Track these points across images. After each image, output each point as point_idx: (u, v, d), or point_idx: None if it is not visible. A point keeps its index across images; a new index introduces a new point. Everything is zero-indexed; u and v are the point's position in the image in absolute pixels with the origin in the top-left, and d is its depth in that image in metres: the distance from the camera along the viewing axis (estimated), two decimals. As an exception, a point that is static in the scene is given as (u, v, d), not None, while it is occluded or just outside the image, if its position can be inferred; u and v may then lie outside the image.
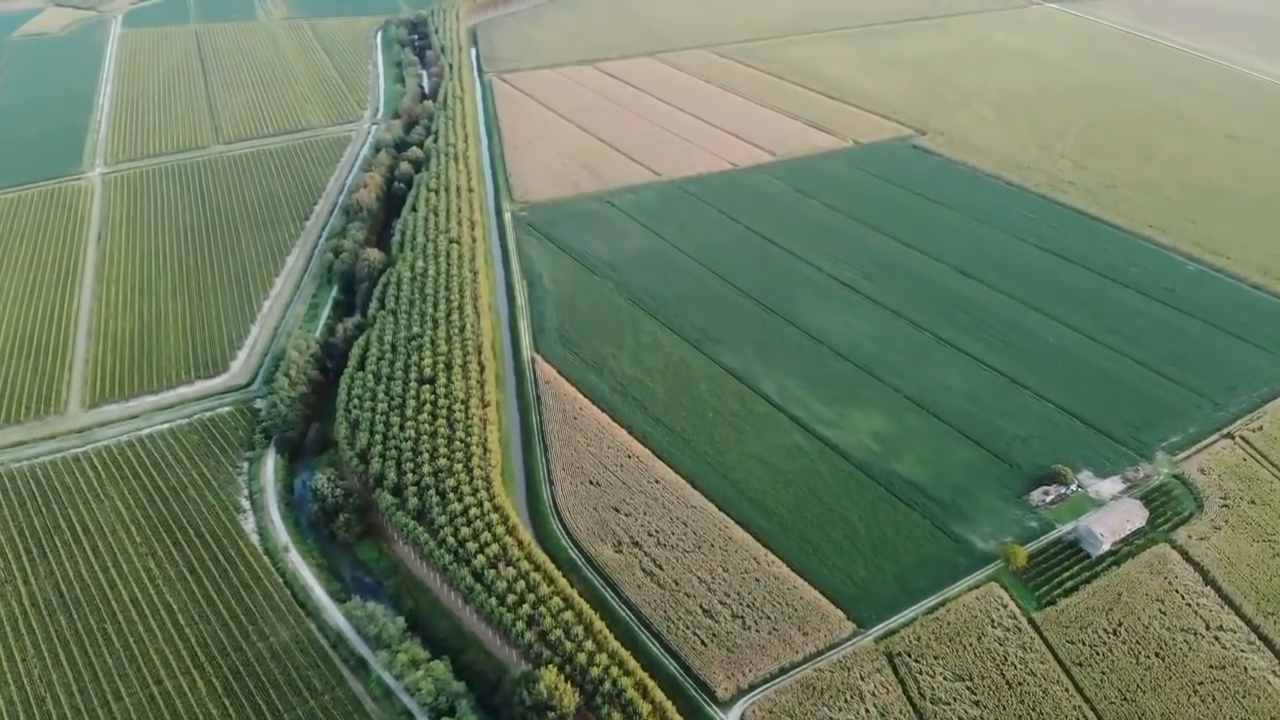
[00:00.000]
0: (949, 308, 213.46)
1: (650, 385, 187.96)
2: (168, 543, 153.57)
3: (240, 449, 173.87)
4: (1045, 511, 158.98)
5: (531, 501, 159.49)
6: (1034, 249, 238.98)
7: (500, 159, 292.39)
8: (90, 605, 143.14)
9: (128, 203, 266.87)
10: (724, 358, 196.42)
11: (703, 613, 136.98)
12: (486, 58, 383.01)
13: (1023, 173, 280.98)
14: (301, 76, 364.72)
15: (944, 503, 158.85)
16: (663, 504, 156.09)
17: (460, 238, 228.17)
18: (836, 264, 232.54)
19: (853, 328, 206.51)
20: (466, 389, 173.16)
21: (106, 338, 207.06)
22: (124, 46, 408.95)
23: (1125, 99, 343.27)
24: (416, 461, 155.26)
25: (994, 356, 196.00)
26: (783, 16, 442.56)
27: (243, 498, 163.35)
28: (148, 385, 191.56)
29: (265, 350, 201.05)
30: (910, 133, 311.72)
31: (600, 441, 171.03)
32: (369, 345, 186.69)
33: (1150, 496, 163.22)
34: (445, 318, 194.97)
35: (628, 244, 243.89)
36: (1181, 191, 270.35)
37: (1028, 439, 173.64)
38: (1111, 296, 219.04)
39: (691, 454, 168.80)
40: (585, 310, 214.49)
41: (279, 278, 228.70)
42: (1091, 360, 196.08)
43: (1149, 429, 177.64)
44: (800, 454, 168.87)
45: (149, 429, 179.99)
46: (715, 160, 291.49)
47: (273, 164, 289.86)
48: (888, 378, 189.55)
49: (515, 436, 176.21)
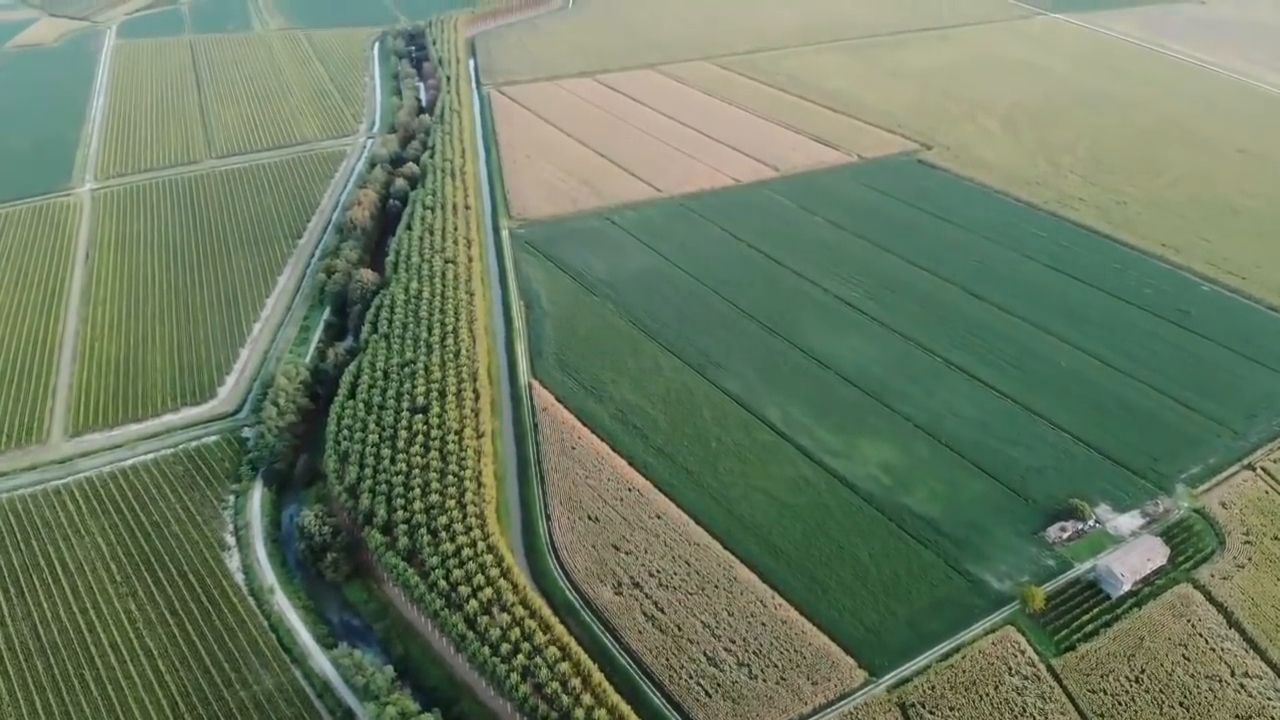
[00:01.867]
0: (959, 330, 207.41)
1: (651, 412, 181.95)
2: (149, 582, 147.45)
3: (226, 481, 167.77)
4: (1063, 549, 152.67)
5: (527, 539, 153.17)
6: (1044, 268, 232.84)
7: (498, 174, 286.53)
8: (69, 649, 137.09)
9: (117, 220, 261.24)
10: (727, 383, 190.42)
11: (707, 660, 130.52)
12: (485, 70, 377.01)
13: (1031, 189, 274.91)
14: (297, 89, 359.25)
15: (958, 540, 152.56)
16: (664, 541, 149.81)
17: (456, 257, 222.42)
18: (842, 284, 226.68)
19: (860, 351, 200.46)
20: (460, 418, 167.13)
21: (92, 362, 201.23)
22: (118, 58, 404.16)
23: (1133, 112, 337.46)
24: (408, 497, 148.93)
25: (1006, 382, 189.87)
26: (784, 27, 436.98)
27: (228, 534, 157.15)
28: (132, 413, 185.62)
29: (254, 375, 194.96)
30: (915, 147, 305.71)
31: (599, 473, 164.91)
32: (360, 372, 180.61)
33: (1171, 532, 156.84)
34: (440, 342, 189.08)
35: (628, 263, 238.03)
36: (1193, 208, 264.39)
37: (1043, 470, 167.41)
38: (1125, 319, 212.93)
39: (694, 486, 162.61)
40: (584, 333, 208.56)
41: (270, 298, 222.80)
42: (1106, 386, 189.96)
43: (1167, 460, 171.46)
44: (807, 487, 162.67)
45: (132, 459, 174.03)
46: (717, 175, 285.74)
47: (266, 179, 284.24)
48: (897, 405, 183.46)
49: (511, 467, 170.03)
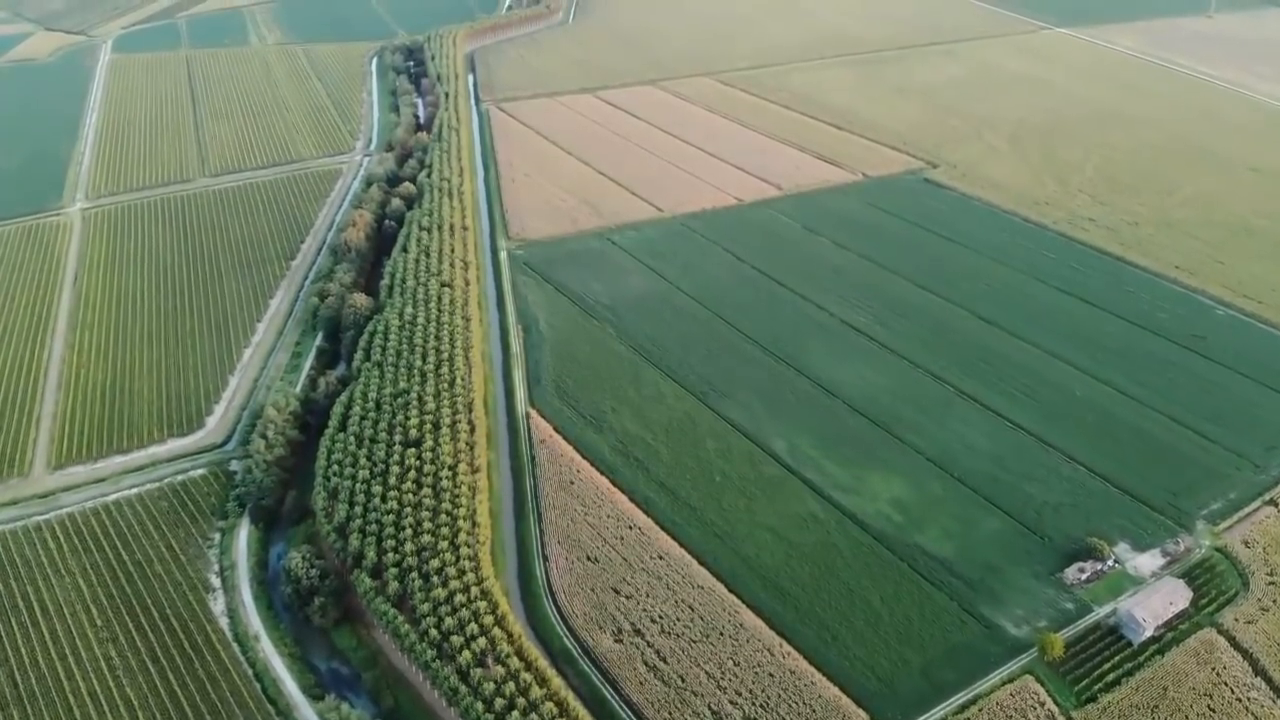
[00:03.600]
0: (969, 357, 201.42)
1: (653, 444, 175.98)
2: (130, 627, 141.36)
3: (212, 517, 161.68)
4: (1081, 591, 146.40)
5: (524, 581, 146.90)
6: (1056, 292, 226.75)
7: (497, 193, 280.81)
8: (46, 699, 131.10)
9: (107, 241, 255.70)
10: (731, 412, 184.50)
11: (712, 715, 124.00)
12: (484, 85, 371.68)
13: (1040, 209, 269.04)
14: (293, 105, 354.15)
15: (972, 582, 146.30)
16: (667, 584, 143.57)
17: (453, 281, 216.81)
18: (848, 308, 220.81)
19: (868, 379, 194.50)
20: (455, 452, 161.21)
21: (77, 390, 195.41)
22: (112, 73, 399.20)
23: (1142, 129, 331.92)
24: (398, 538, 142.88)
25: (1019, 412, 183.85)
26: (786, 42, 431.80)
27: (212, 574, 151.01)
28: (117, 444, 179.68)
29: (244, 404, 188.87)
30: (921, 165, 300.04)
31: (599, 510, 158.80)
32: (352, 402, 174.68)
33: (1193, 573, 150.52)
34: (434, 371, 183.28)
35: (629, 285, 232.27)
36: (1207, 229, 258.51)
37: (1059, 507, 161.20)
38: (1140, 345, 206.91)
39: (698, 524, 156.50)
40: (584, 359, 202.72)
41: (261, 323, 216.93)
42: (1122, 416, 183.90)
43: (1187, 495, 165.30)
44: (816, 524, 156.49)
45: (116, 494, 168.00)
46: (719, 195, 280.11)
47: (260, 198, 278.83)
48: (907, 436, 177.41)
49: (508, 503, 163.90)
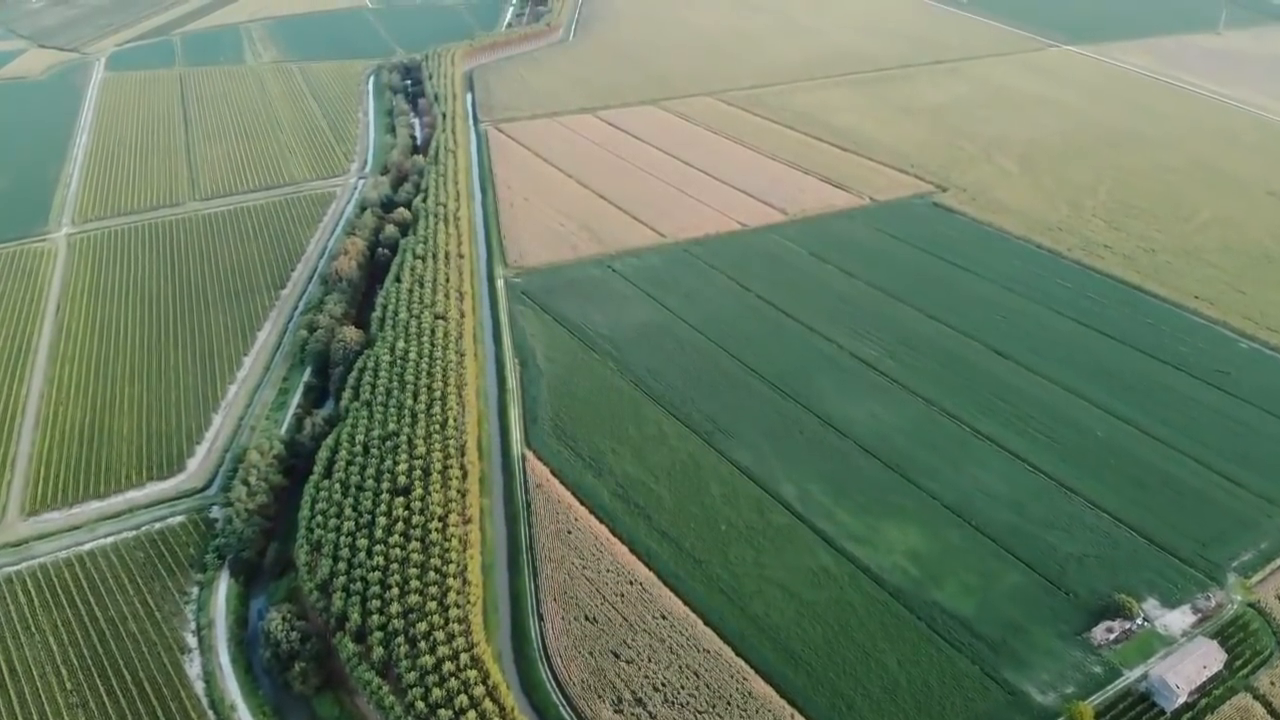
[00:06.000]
0: (984, 394, 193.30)
1: (655, 489, 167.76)
2: (101, 691, 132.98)
3: (190, 570, 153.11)
4: (1109, 652, 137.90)
5: (518, 643, 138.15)
6: (1072, 323, 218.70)
7: (494, 218, 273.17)
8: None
9: (92, 268, 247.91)
10: (737, 454, 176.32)
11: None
12: (482, 105, 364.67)
13: (1054, 235, 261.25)
14: (287, 125, 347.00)
15: (994, 643, 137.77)
16: (670, 647, 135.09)
17: (447, 312, 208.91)
18: (858, 340, 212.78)
19: (880, 418, 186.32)
20: (445, 501, 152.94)
21: (54, 430, 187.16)
22: (105, 91, 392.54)
23: (1154, 150, 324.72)
24: (384, 598, 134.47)
25: (1039, 454, 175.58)
26: (790, 61, 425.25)
27: (189, 633, 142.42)
28: (95, 489, 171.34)
29: (226, 445, 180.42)
30: (930, 189, 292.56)
31: (598, 563, 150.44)
32: (339, 445, 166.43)
33: (1225, 631, 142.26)
34: (425, 411, 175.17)
35: (630, 315, 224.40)
36: (1225, 256, 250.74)
37: (1083, 559, 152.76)
38: (1161, 380, 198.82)
39: (703, 579, 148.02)
40: (583, 395, 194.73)
41: (248, 357, 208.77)
42: (1146, 459, 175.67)
43: (1216, 545, 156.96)
44: (828, 580, 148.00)
45: (91, 543, 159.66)
46: (723, 220, 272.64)
47: (250, 223, 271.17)
48: (922, 481, 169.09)
49: (501, 555, 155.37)
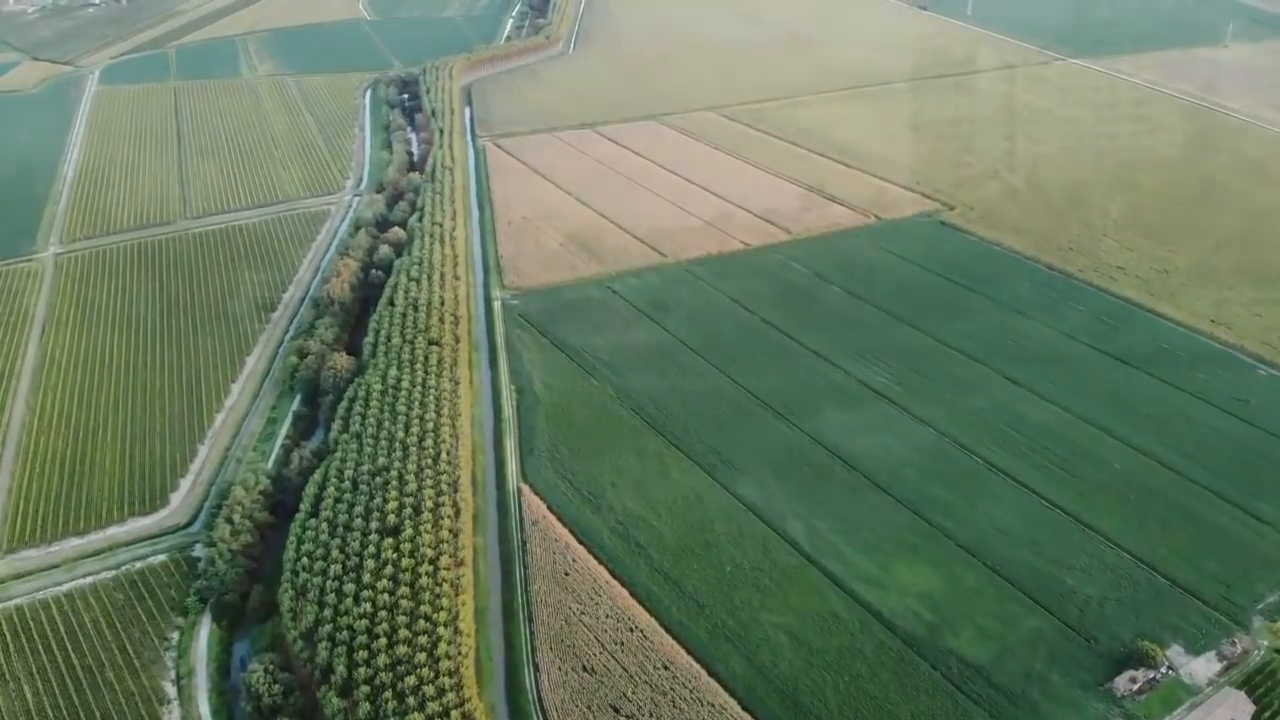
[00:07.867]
0: (997, 424, 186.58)
1: (656, 525, 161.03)
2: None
3: (171, 613, 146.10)
4: (1133, 704, 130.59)
5: (512, 696, 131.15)
6: (1087, 349, 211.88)
7: (491, 238, 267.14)
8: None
9: (79, 290, 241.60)
10: (742, 488, 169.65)
11: None
12: (481, 120, 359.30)
13: (1065, 255, 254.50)
14: (282, 141, 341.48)
15: (1013, 695, 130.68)
16: (673, 701, 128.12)
17: (442, 338, 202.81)
18: (865, 365, 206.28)
19: (890, 449, 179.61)
20: (436, 542, 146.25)
21: (35, 462, 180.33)
22: (98, 105, 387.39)
23: (1166, 167, 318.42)
24: (371, 649, 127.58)
25: (1055, 489, 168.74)
26: (793, 75, 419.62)
27: (168, 682, 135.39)
28: (75, 525, 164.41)
29: (211, 479, 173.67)
30: (937, 207, 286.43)
31: (597, 607, 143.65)
32: (326, 481, 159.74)
33: (1252, 680, 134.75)
34: (418, 444, 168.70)
35: (630, 339, 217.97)
36: (1241, 277, 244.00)
37: (1103, 602, 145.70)
38: (1179, 409, 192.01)
39: (707, 625, 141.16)
40: (581, 424, 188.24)
41: (236, 384, 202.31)
42: (1166, 493, 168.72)
43: (1240, 586, 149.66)
44: (838, 626, 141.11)
45: (70, 583, 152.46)
46: (725, 239, 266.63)
47: (242, 243, 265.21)
48: (935, 517, 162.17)
49: (495, 598, 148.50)
